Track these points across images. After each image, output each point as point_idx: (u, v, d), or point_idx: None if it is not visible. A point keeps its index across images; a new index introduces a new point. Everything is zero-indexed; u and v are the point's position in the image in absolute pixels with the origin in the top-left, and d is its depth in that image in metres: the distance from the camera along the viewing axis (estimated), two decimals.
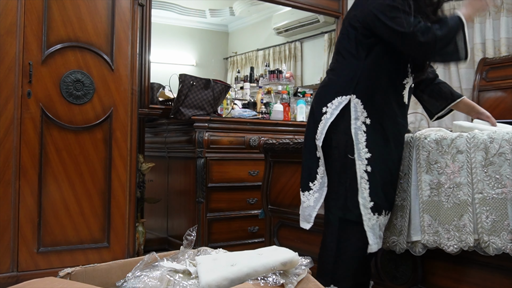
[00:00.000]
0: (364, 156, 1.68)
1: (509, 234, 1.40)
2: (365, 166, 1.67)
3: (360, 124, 1.70)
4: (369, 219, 1.64)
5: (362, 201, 1.66)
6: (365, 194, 1.66)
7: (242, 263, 1.15)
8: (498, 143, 1.46)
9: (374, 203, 1.65)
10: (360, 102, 1.72)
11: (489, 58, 4.01)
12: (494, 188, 1.45)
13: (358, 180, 1.67)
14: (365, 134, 1.69)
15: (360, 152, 1.69)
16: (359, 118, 1.71)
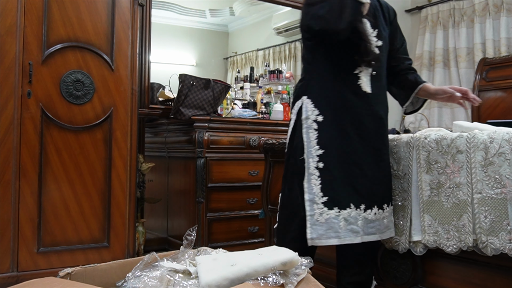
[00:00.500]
0: (315, 154, 1.70)
1: (508, 234, 1.40)
2: (316, 163, 1.69)
3: (310, 123, 1.73)
4: (320, 214, 1.66)
5: (310, 197, 1.68)
6: (314, 190, 1.68)
7: (242, 263, 1.15)
8: (498, 143, 1.45)
9: (328, 197, 1.67)
10: (311, 102, 1.75)
11: (489, 58, 4.01)
12: (494, 188, 1.45)
13: (306, 177, 1.69)
14: (317, 132, 1.71)
15: (311, 150, 1.71)
16: (310, 117, 1.73)
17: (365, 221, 1.70)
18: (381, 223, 1.73)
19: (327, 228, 1.66)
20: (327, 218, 1.66)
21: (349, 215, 1.68)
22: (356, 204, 1.69)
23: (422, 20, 4.74)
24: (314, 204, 1.67)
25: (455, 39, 4.42)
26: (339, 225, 1.66)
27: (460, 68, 4.32)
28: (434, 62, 4.59)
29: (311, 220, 1.67)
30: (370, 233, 1.72)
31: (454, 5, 4.44)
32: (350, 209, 1.68)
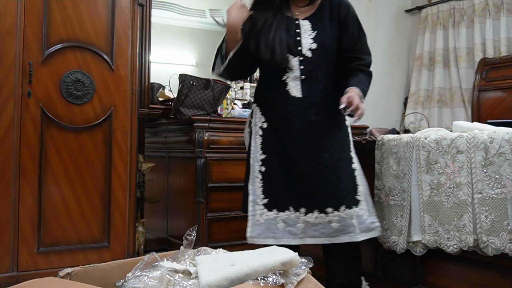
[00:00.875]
0: (259, 158, 1.80)
1: (508, 234, 1.40)
2: (260, 166, 1.79)
3: (257, 129, 1.84)
4: (260, 214, 1.74)
5: (253, 198, 1.77)
6: (257, 192, 1.77)
7: (242, 263, 1.15)
8: (498, 143, 1.45)
9: (268, 200, 1.75)
10: (259, 110, 1.86)
11: (489, 58, 4.01)
12: (494, 188, 1.45)
13: (250, 179, 1.79)
14: (261, 138, 1.82)
15: (256, 154, 1.81)
16: (257, 124, 1.84)
17: (306, 224, 1.74)
18: (326, 226, 1.71)
19: (265, 228, 1.73)
20: (266, 219, 1.74)
21: (287, 218, 1.74)
22: (296, 207, 1.75)
23: (422, 20, 4.74)
24: (256, 205, 1.76)
25: (455, 39, 4.42)
26: (276, 226, 1.73)
27: (460, 68, 4.32)
28: (434, 62, 4.59)
29: (252, 219, 1.75)
30: (314, 236, 1.74)
31: (454, 5, 4.44)
32: (289, 212, 1.74)
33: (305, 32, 1.77)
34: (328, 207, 1.72)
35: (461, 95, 4.31)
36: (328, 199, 1.72)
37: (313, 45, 1.75)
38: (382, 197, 1.78)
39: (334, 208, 1.71)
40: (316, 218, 1.72)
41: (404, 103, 4.90)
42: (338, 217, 1.71)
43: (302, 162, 1.76)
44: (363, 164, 1.96)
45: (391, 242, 1.73)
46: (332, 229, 1.71)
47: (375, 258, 1.92)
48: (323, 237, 1.73)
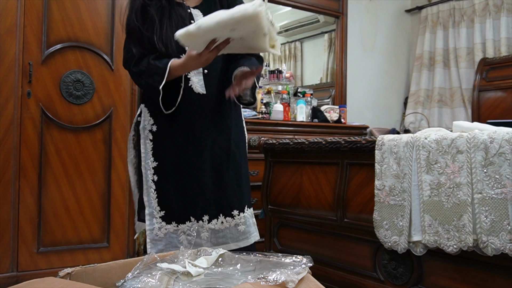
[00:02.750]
0: (151, 166, 1.61)
1: (508, 234, 1.40)
2: (152, 175, 1.60)
3: (147, 133, 1.63)
4: (159, 228, 1.58)
5: (149, 210, 1.60)
6: (153, 203, 1.60)
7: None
8: (498, 143, 1.45)
9: (165, 211, 1.59)
10: (147, 110, 1.64)
11: (489, 58, 4.01)
12: (494, 188, 1.45)
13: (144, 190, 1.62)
14: (152, 143, 1.62)
15: (148, 162, 1.61)
16: (146, 127, 1.64)
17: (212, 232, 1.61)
18: (233, 230, 1.64)
19: (166, 243, 1.58)
20: (165, 233, 1.59)
21: (189, 229, 1.59)
22: (197, 216, 1.60)
23: (422, 20, 4.74)
24: (153, 218, 1.60)
25: (455, 39, 4.42)
26: (178, 239, 1.59)
27: (460, 68, 4.32)
28: (434, 62, 4.59)
29: (151, 235, 1.59)
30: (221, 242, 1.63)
31: (454, 5, 4.44)
32: (190, 222, 1.59)
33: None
34: (234, 209, 1.64)
35: (461, 95, 4.32)
36: (233, 202, 1.65)
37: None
38: (382, 197, 1.78)
39: (240, 210, 1.65)
40: (222, 223, 1.62)
41: (404, 103, 4.90)
42: (243, 219, 1.65)
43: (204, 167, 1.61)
44: (363, 164, 1.97)
45: (392, 242, 1.73)
46: (239, 233, 1.64)
47: (374, 258, 1.91)
48: (230, 242, 1.64)
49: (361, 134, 4.01)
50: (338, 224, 2.06)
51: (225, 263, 1.25)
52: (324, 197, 2.13)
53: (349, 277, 2.02)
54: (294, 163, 2.28)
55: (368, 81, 4.66)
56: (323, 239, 2.16)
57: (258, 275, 1.09)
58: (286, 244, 2.33)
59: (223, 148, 1.67)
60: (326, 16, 4.42)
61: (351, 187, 2.01)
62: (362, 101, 4.58)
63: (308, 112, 3.78)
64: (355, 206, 1.99)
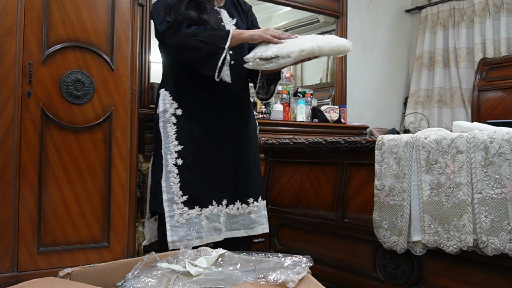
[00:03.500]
0: (173, 150, 1.60)
1: (508, 234, 1.40)
2: (175, 159, 1.59)
3: (169, 116, 1.64)
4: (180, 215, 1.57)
5: (168, 196, 1.58)
6: (173, 189, 1.58)
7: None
8: (498, 143, 1.45)
9: (189, 196, 1.58)
10: (169, 94, 1.67)
11: (489, 58, 4.01)
12: (494, 188, 1.45)
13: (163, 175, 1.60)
14: (175, 126, 1.62)
15: (169, 146, 1.61)
16: (168, 110, 1.65)
17: (227, 217, 1.64)
18: (246, 217, 1.66)
19: (188, 228, 1.57)
20: (188, 219, 1.58)
21: (211, 213, 1.60)
22: (218, 200, 1.62)
23: (422, 20, 4.74)
24: (174, 204, 1.58)
25: (455, 39, 4.42)
26: (201, 224, 1.57)
27: (460, 68, 4.32)
28: (434, 62, 4.59)
29: (171, 222, 1.57)
30: (234, 228, 1.66)
31: (454, 5, 4.44)
32: (212, 206, 1.61)
33: (226, 19, 1.71)
34: (250, 197, 1.67)
35: (461, 95, 4.32)
36: (250, 190, 1.68)
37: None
38: (382, 197, 1.78)
39: (254, 199, 1.68)
40: (238, 209, 1.65)
41: (404, 103, 4.90)
42: (256, 208, 1.68)
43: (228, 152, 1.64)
44: (363, 164, 1.97)
45: (391, 242, 1.73)
46: (251, 220, 1.67)
47: (374, 258, 1.92)
48: (242, 229, 1.66)
49: (361, 134, 4.01)
50: (338, 224, 2.06)
51: (225, 263, 1.25)
52: (324, 197, 2.13)
53: (349, 277, 2.02)
54: (294, 163, 2.28)
55: (368, 81, 4.65)
56: (323, 239, 2.16)
57: (258, 275, 1.09)
58: (286, 244, 2.33)
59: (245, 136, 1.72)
60: (326, 16, 4.42)
61: (351, 187, 2.02)
62: (362, 101, 4.58)
63: (308, 112, 3.78)
64: (355, 206, 1.99)
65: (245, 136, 1.70)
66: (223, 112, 1.66)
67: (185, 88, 1.65)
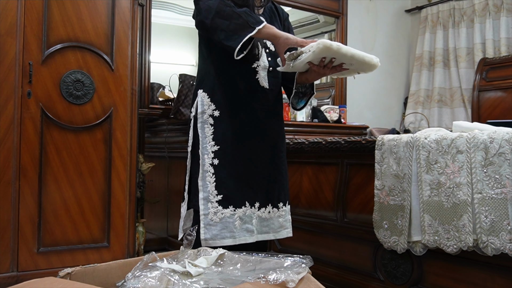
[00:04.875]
0: (210, 150, 1.63)
1: (508, 234, 1.40)
2: (211, 159, 1.62)
3: (207, 118, 1.66)
4: (214, 213, 1.59)
5: (204, 195, 1.61)
6: (209, 188, 1.61)
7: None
8: (498, 143, 1.45)
9: (223, 195, 1.60)
10: (207, 96, 1.68)
11: (489, 58, 4.01)
12: (494, 188, 1.45)
13: (200, 174, 1.63)
14: (212, 127, 1.65)
15: (206, 146, 1.64)
16: (206, 111, 1.67)
17: (259, 220, 1.66)
18: (275, 222, 1.69)
19: (221, 227, 1.59)
20: (221, 218, 1.60)
21: (244, 214, 1.62)
22: (251, 202, 1.64)
23: (422, 20, 4.74)
24: (209, 202, 1.61)
25: (455, 39, 4.42)
26: (234, 224, 1.60)
27: (460, 68, 4.32)
28: (434, 62, 4.59)
29: (205, 220, 1.59)
30: (264, 232, 1.68)
31: (454, 5, 4.44)
32: (245, 207, 1.63)
33: None
34: (280, 202, 1.71)
35: (461, 95, 4.32)
36: (280, 194, 1.71)
37: None
38: (382, 197, 1.78)
39: (284, 203, 1.72)
40: (269, 213, 1.67)
41: (404, 103, 4.90)
42: (284, 212, 1.71)
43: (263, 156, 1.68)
44: (363, 164, 1.97)
45: (391, 242, 1.73)
46: (278, 224, 1.70)
47: (374, 258, 1.92)
48: (270, 232, 1.69)
49: (361, 134, 4.01)
50: (338, 224, 2.06)
51: (225, 263, 1.25)
52: (324, 197, 2.13)
53: (349, 277, 2.02)
54: (294, 163, 2.28)
55: (368, 81, 4.65)
56: (323, 239, 2.16)
57: (258, 274, 1.09)
58: (286, 244, 2.33)
59: (279, 142, 1.75)
60: (326, 16, 4.42)
61: (351, 187, 2.01)
62: (362, 101, 4.58)
63: (308, 112, 3.78)
64: (355, 206, 1.99)
65: (281, 142, 1.76)
66: (260, 117, 1.69)
67: (224, 90, 1.67)
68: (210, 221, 1.60)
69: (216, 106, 1.67)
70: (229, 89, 1.67)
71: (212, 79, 1.70)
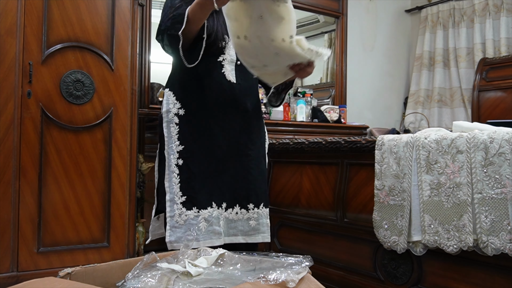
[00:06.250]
0: (175, 150, 1.59)
1: (508, 234, 1.40)
2: (176, 159, 1.58)
3: (172, 117, 1.62)
4: (179, 215, 1.55)
5: (170, 196, 1.57)
6: (174, 189, 1.57)
7: None
8: (498, 143, 1.45)
9: (187, 197, 1.56)
10: (172, 94, 1.64)
11: (489, 58, 4.01)
12: (494, 188, 1.45)
13: (166, 175, 1.59)
14: (178, 127, 1.60)
15: (172, 146, 1.60)
16: (171, 110, 1.63)
17: (226, 221, 1.61)
18: (244, 224, 1.63)
19: (185, 230, 1.55)
20: (185, 220, 1.56)
21: (210, 215, 1.57)
22: (218, 202, 1.59)
23: (422, 20, 4.74)
24: (174, 204, 1.57)
25: (455, 39, 4.42)
26: (198, 226, 1.55)
27: (460, 68, 4.32)
28: (434, 62, 4.59)
29: (171, 222, 1.56)
30: (232, 234, 1.62)
31: (454, 5, 4.44)
32: (211, 208, 1.58)
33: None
34: (250, 203, 1.64)
35: (461, 95, 4.32)
36: (251, 195, 1.65)
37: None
38: (382, 197, 1.78)
39: (255, 205, 1.65)
40: (237, 214, 1.62)
41: (404, 103, 4.90)
42: (256, 215, 1.65)
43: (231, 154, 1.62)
44: (363, 164, 1.97)
45: (391, 242, 1.73)
46: (250, 227, 1.63)
47: (374, 258, 1.92)
48: (239, 235, 1.63)
49: (361, 134, 4.01)
50: (338, 224, 2.06)
51: (225, 263, 1.25)
52: (324, 197, 2.13)
53: (349, 277, 2.02)
54: (294, 163, 2.29)
55: (368, 81, 4.65)
56: (323, 239, 2.16)
57: (258, 274, 1.09)
58: (286, 244, 2.33)
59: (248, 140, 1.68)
60: (326, 16, 4.42)
61: (351, 187, 2.02)
62: (362, 101, 4.58)
63: (308, 112, 3.78)
64: (355, 206, 1.99)
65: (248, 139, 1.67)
66: (226, 114, 1.63)
67: (189, 88, 1.63)
68: (176, 223, 1.56)
69: (181, 104, 1.62)
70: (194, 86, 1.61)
71: (177, 77, 1.65)
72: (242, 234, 1.63)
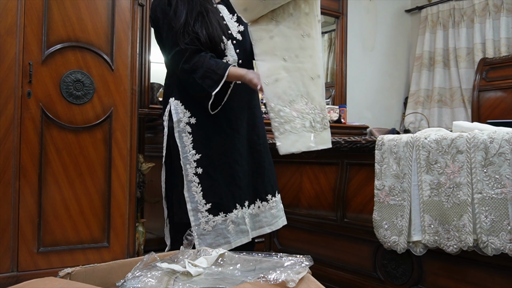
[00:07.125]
0: (192, 159, 1.58)
1: (508, 234, 1.40)
2: (195, 169, 1.58)
3: (183, 126, 1.61)
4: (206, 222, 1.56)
5: (192, 206, 1.57)
6: (196, 198, 1.57)
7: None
8: (498, 143, 1.45)
9: (212, 203, 1.57)
10: (180, 103, 1.63)
11: (489, 58, 4.01)
12: (494, 188, 1.45)
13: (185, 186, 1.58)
14: (191, 136, 1.60)
15: (187, 156, 1.59)
16: (182, 120, 1.62)
17: (251, 217, 1.64)
18: (268, 214, 1.67)
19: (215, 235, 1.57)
20: (214, 226, 1.57)
21: (236, 217, 1.60)
22: (241, 203, 1.62)
23: (422, 20, 4.74)
24: (198, 213, 1.57)
25: (455, 39, 4.43)
26: (227, 229, 1.57)
27: (460, 68, 4.32)
28: (434, 62, 4.59)
29: (198, 230, 1.56)
30: (258, 227, 1.66)
31: (454, 5, 4.44)
32: (236, 210, 1.60)
33: (226, 16, 1.69)
34: (268, 194, 1.68)
35: (461, 95, 4.32)
36: (267, 186, 1.69)
37: (240, 27, 1.68)
38: (382, 197, 1.78)
39: (272, 194, 1.69)
40: (259, 208, 1.65)
41: (404, 103, 4.90)
42: (275, 203, 1.69)
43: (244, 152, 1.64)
44: (363, 164, 1.97)
45: (391, 242, 1.73)
46: (272, 216, 1.68)
47: (374, 258, 1.92)
48: (265, 226, 1.67)
49: (361, 134, 4.01)
50: (338, 224, 2.06)
51: (225, 263, 1.25)
52: (324, 197, 2.13)
53: (349, 277, 2.02)
54: (294, 163, 2.29)
55: (368, 81, 4.65)
56: (323, 239, 2.16)
57: (258, 274, 1.09)
58: (286, 244, 2.33)
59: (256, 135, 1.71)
60: (326, 16, 4.42)
61: (351, 187, 2.02)
62: (362, 101, 4.58)
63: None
64: (355, 206, 1.99)
65: (255, 135, 1.71)
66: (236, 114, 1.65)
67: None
68: (203, 231, 1.57)
69: (191, 113, 1.61)
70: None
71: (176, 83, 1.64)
72: (267, 224, 1.68)
